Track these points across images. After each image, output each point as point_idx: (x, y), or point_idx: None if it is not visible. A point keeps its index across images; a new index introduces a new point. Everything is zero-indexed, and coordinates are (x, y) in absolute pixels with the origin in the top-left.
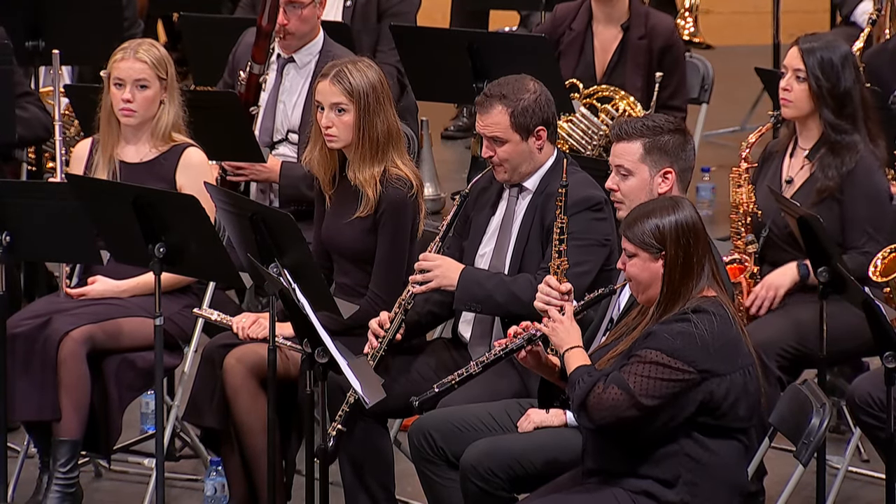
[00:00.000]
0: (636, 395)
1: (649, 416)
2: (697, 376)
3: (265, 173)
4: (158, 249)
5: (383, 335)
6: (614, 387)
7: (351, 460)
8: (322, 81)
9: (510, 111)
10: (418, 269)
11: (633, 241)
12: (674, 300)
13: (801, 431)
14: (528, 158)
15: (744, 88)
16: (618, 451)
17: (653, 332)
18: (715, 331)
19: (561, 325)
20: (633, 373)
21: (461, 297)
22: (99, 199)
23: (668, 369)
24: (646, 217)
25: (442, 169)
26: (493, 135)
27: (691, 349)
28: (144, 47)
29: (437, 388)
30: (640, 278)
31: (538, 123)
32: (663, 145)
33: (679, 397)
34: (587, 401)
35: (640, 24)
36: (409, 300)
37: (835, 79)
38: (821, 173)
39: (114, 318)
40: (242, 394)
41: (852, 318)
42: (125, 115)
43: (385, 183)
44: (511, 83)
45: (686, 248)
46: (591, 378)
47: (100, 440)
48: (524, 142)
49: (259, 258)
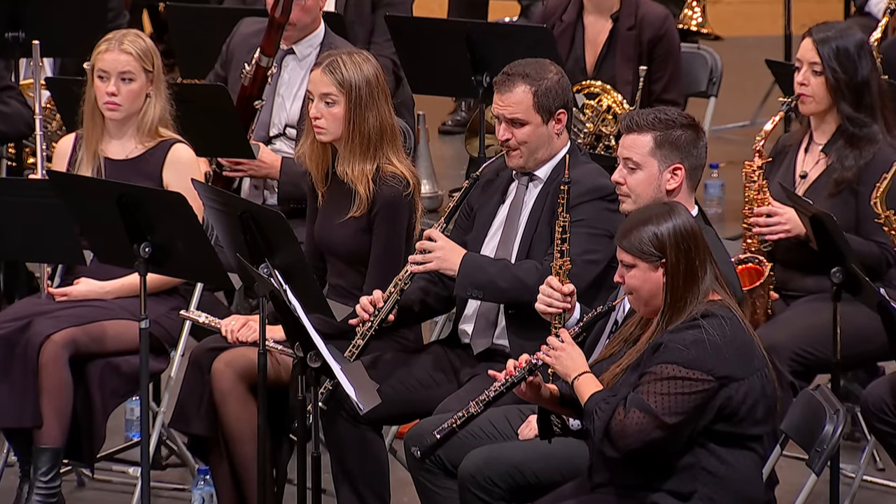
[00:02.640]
0: (659, 415)
1: (675, 433)
2: (716, 384)
3: (265, 169)
4: (144, 249)
5: (374, 312)
6: (635, 410)
7: (344, 469)
8: (315, 71)
9: (534, 90)
10: (419, 249)
11: (631, 250)
12: (679, 308)
13: (814, 439)
14: (546, 143)
15: (754, 81)
16: (630, 464)
17: (662, 343)
18: (727, 335)
19: (563, 352)
20: (653, 392)
21: (462, 283)
22: (82, 197)
23: (688, 382)
24: (641, 225)
25: (439, 165)
26: (513, 116)
27: (706, 357)
28: (129, 38)
29: (437, 435)
30: (641, 290)
31: (560, 106)
32: (675, 140)
33: (700, 408)
34: (609, 430)
35: (629, 15)
36: (407, 280)
37: (852, 70)
38: (838, 164)
39: (97, 320)
40: (231, 400)
41: (867, 320)
42: (110, 109)
43: (379, 181)
44: (532, 64)
45: (687, 253)
46: (609, 405)
47: (83, 448)
48: (545, 125)
49: (249, 258)
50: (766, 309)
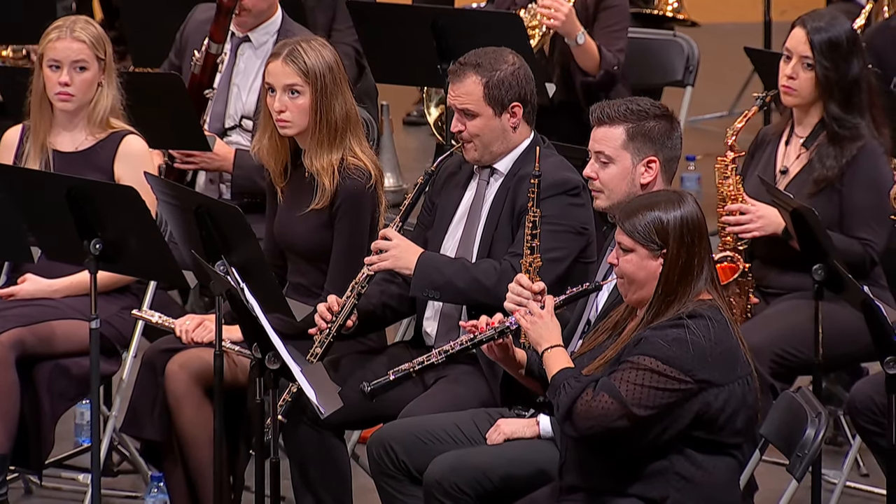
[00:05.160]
0: (628, 404)
1: (641, 427)
2: (695, 386)
3: (217, 162)
4: (94, 246)
5: (332, 319)
6: (604, 394)
7: (304, 475)
8: (273, 62)
9: (484, 82)
10: (375, 249)
11: (632, 234)
12: (668, 303)
13: (795, 443)
14: (500, 137)
15: (732, 70)
16: (601, 466)
17: (644, 337)
18: (712, 338)
19: (541, 319)
20: (625, 380)
21: (418, 284)
22: (30, 191)
23: (664, 378)
24: (647, 209)
25: (404, 157)
26: (463, 107)
27: (687, 357)
28: (80, 25)
29: (392, 375)
30: (634, 277)
31: (514, 99)
32: (648, 131)
33: (673, 408)
34: (574, 408)
35: None
36: (364, 283)
37: (844, 68)
38: (818, 163)
39: (45, 320)
40: (186, 403)
41: (851, 319)
42: (62, 100)
43: (342, 173)
44: (489, 53)
45: (689, 247)
46: (579, 384)
47: (30, 454)
48: (497, 117)
49: (204, 255)
50: (744, 311)
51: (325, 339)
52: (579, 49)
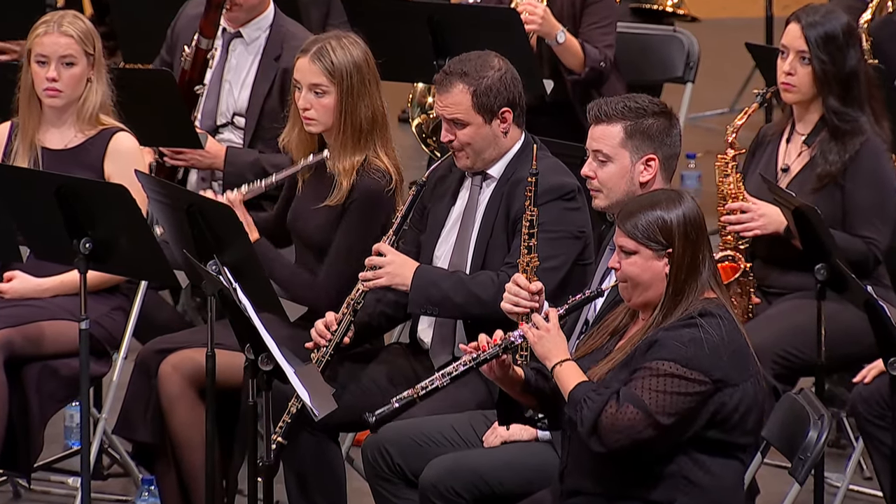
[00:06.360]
0: (653, 413)
1: (666, 435)
2: (712, 386)
3: (208, 159)
4: (84, 245)
5: (330, 338)
6: (629, 406)
7: (298, 478)
8: (301, 58)
9: (472, 90)
10: (368, 265)
11: (634, 236)
12: (677, 301)
13: (797, 446)
14: (491, 143)
15: (733, 66)
16: (607, 470)
17: (658, 340)
18: (724, 336)
19: (548, 333)
20: (648, 388)
21: (416, 300)
22: (18, 189)
23: (685, 381)
24: (648, 209)
25: (399, 155)
26: (453, 116)
27: (704, 357)
28: (68, 20)
29: (396, 403)
30: (639, 279)
31: (503, 104)
32: (646, 129)
33: (693, 412)
34: (599, 422)
35: None
36: (360, 299)
37: (841, 60)
38: (821, 158)
39: (34, 320)
40: (179, 405)
41: (854, 319)
42: (50, 96)
43: (361, 172)
44: (473, 59)
45: (694, 244)
46: (601, 397)
47: (19, 457)
48: (487, 125)
49: (196, 255)
50: (745, 311)
51: (322, 357)
52: (561, 48)
